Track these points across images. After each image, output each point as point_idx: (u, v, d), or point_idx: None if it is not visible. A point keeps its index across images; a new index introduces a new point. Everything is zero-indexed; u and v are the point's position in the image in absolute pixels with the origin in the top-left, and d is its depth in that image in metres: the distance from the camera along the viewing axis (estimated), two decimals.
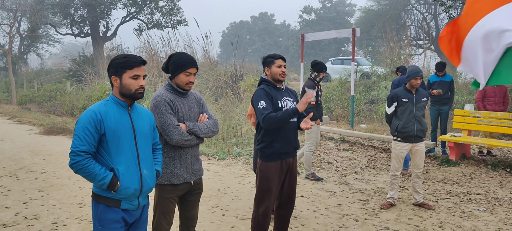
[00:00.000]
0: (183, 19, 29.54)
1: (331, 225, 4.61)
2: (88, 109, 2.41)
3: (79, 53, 24.89)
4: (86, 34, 29.01)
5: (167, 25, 29.29)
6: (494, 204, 5.24)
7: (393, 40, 20.94)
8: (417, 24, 31.36)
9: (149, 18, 29.81)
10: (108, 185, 2.34)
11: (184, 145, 2.96)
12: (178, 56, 3.03)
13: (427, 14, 30.61)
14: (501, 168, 6.77)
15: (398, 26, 28.14)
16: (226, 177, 6.74)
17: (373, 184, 6.26)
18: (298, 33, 40.92)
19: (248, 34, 50.79)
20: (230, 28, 52.86)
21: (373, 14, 30.87)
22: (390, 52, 18.21)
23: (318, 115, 6.18)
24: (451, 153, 7.31)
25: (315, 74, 6.13)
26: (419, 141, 5.08)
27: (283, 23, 50.33)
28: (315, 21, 41.44)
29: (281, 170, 3.56)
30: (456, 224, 4.59)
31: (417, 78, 4.98)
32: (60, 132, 11.65)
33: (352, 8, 42.60)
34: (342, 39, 35.60)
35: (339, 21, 39.68)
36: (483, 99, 7.93)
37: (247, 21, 52.31)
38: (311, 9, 42.58)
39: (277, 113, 3.37)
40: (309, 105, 5.96)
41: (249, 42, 49.12)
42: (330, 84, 15.91)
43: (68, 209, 5.12)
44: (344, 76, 16.00)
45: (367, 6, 32.18)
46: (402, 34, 26.81)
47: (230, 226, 4.58)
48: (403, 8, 30.20)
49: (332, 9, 42.23)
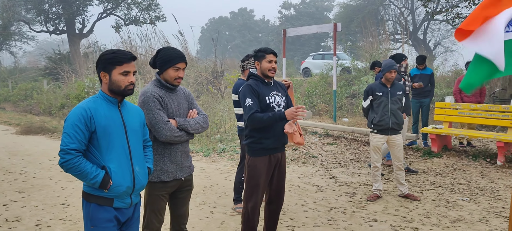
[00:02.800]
0: (161, 15, 29.22)
1: (320, 218, 4.63)
2: (77, 106, 2.33)
3: (55, 51, 24.26)
4: (62, 31, 28.36)
5: (145, 21, 28.90)
6: (476, 194, 5.36)
7: (372, 35, 21.21)
8: (394, 19, 31.86)
9: (127, 14, 29.36)
10: (100, 184, 2.27)
11: (174, 141, 2.91)
12: (166, 51, 2.97)
13: (404, 9, 31.10)
14: (481, 158, 6.94)
15: (376, 21, 28.51)
16: (212, 173, 6.69)
17: (358, 177, 6.32)
18: (278, 28, 41.02)
19: (228, 30, 50.60)
20: (209, 24, 52.55)
21: (351, 9, 31.21)
22: (370, 46, 18.43)
23: (405, 108, 5.95)
24: (433, 144, 7.45)
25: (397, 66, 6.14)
26: (395, 133, 5.17)
27: (262, 18, 50.36)
28: (295, 16, 41.60)
29: (270, 164, 3.54)
30: (441, 214, 4.68)
31: (391, 72, 5.06)
32: (38, 132, 11.36)
33: (331, 3, 42.95)
34: (322, 34, 35.85)
35: (318, 17, 39.93)
36: (460, 92, 8.10)
37: (226, 17, 52.11)
38: (290, 4, 42.73)
39: (263, 116, 3.33)
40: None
41: (228, 38, 48.95)
42: (312, 79, 15.99)
43: (51, 210, 4.99)
44: (325, 71, 16.10)
45: (346, 1, 32.49)
46: (380, 29, 27.19)
47: (219, 222, 4.55)
48: (381, 3, 30.62)
49: (311, 4, 42.47)
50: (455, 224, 4.37)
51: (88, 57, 21.51)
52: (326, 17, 39.47)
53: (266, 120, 3.34)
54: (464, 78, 2.84)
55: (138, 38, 35.18)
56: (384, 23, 28.81)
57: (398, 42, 28.68)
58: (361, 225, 4.43)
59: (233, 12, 51.58)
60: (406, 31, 27.62)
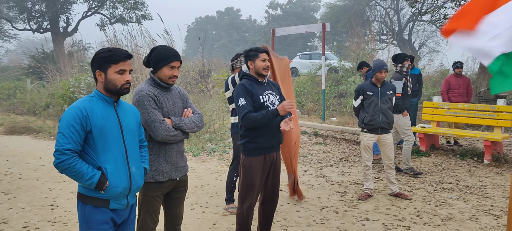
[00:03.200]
0: (147, 14, 28.93)
1: (312, 217, 4.63)
2: (72, 106, 2.28)
3: (38, 50, 23.80)
4: (45, 29, 27.86)
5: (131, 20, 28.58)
6: (465, 192, 5.44)
7: (358, 35, 21.38)
8: (380, 20, 32.17)
9: (112, 12, 28.99)
10: (96, 185, 2.22)
11: (170, 140, 2.87)
12: (160, 49, 2.93)
13: (389, 10, 31.43)
14: (468, 157, 7.04)
15: (362, 21, 28.75)
16: (202, 173, 6.65)
17: (349, 176, 6.35)
18: (265, 28, 41.04)
19: (214, 29, 50.43)
20: (195, 23, 52.29)
21: (338, 10, 31.40)
22: (356, 47, 18.56)
23: (405, 107, 6.08)
24: (421, 143, 7.54)
25: (399, 66, 6.15)
26: (385, 133, 5.21)
27: (249, 18, 50.31)
28: (281, 16, 41.68)
29: (265, 164, 3.52)
30: (432, 212, 4.73)
31: (381, 72, 5.11)
32: (23, 131, 11.13)
33: (317, 3, 43.15)
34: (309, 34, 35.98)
35: (305, 17, 40.08)
36: (448, 92, 8.22)
37: (212, 16, 51.91)
38: (277, 4, 42.79)
39: (258, 115, 3.32)
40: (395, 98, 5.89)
41: (215, 38, 48.79)
42: (299, 78, 16.03)
43: (39, 211, 4.88)
44: (312, 70, 16.15)
45: (332, 2, 32.68)
46: (366, 29, 27.42)
47: (211, 222, 4.51)
48: (367, 4, 30.88)
49: (297, 4, 42.60)
50: (446, 223, 4.41)
51: (72, 56, 21.16)
52: (312, 17, 39.63)
53: (260, 118, 3.32)
54: (496, 82, 2.68)
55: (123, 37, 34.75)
56: (370, 24, 29.06)
57: (383, 43, 28.97)
58: (353, 224, 4.45)
59: (220, 11, 51.41)
60: (391, 32, 27.91)
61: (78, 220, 2.37)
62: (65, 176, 6.42)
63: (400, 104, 5.97)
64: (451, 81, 8.19)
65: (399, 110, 6.01)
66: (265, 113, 3.33)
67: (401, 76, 6.11)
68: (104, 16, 28.62)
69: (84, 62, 19.38)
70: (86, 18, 28.20)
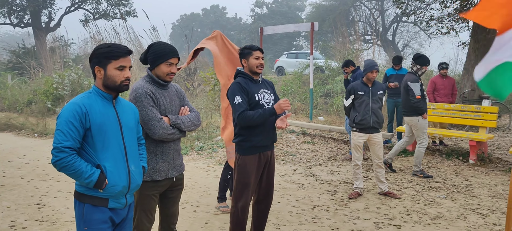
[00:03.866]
0: (132, 10, 28.57)
1: (304, 216, 4.64)
2: (71, 102, 2.23)
3: (19, 45, 23.25)
4: (27, 24, 27.22)
5: (115, 16, 28.18)
6: (452, 191, 5.53)
7: (343, 35, 21.53)
8: (365, 20, 32.48)
9: (95, 8, 28.53)
10: (96, 183, 2.18)
11: (167, 139, 2.83)
12: (158, 46, 2.89)
13: (374, 11, 31.77)
14: (454, 157, 7.17)
15: (347, 21, 28.98)
16: (191, 172, 6.60)
17: (338, 175, 6.39)
18: (250, 26, 40.98)
19: (200, 27, 50.10)
20: (180, 20, 51.84)
21: (323, 10, 31.56)
22: (342, 46, 18.69)
23: (425, 109, 5.96)
24: None
25: (417, 67, 5.96)
26: (375, 132, 5.26)
27: (235, 16, 50.14)
28: (267, 15, 41.66)
29: (260, 163, 3.51)
30: (421, 211, 4.79)
31: (373, 72, 5.15)
32: (4, 128, 10.87)
33: (303, 2, 43.29)
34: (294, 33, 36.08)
35: (290, 16, 40.16)
36: (433, 92, 8.35)
37: (198, 13, 51.58)
38: (263, 3, 42.77)
39: (254, 114, 3.31)
40: (414, 100, 5.84)
41: (200, 35, 48.46)
42: (286, 77, 16.07)
43: (26, 210, 4.77)
44: (299, 69, 16.21)
45: (318, 2, 32.85)
46: (351, 30, 27.65)
47: (203, 221, 4.48)
48: (352, 4, 31.13)
49: (283, 3, 42.65)
50: (435, 221, 4.48)
51: (54, 51, 20.75)
52: (298, 17, 39.72)
53: (257, 117, 3.31)
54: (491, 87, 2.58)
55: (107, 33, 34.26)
56: (355, 24, 29.31)
57: (368, 43, 29.27)
58: (345, 223, 4.48)
59: (205, 9, 51.11)
60: (376, 33, 28.22)
61: (67, 219, 2.33)
62: (51, 174, 6.32)
63: (420, 107, 5.89)
64: (436, 82, 8.32)
65: (419, 113, 5.93)
66: (262, 112, 3.32)
67: (417, 78, 5.96)
68: (87, 12, 28.15)
69: (67, 58, 19.04)
70: (69, 13, 27.67)
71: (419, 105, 5.87)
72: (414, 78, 5.96)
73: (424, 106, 5.96)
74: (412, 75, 6.02)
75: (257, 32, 33.43)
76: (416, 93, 5.86)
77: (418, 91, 5.89)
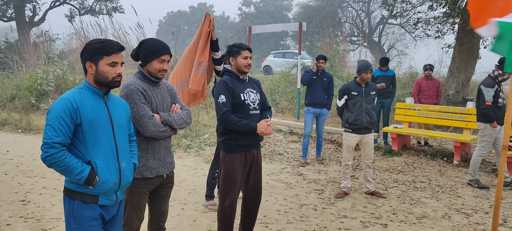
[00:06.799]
0: (119, 6, 28.24)
1: (292, 215, 4.67)
2: (61, 98, 2.20)
3: (1, 39, 22.79)
4: (10, 18, 26.67)
5: (102, 12, 27.83)
6: (437, 191, 5.63)
7: (330, 36, 21.66)
8: (351, 21, 32.75)
9: (81, 3, 28.12)
10: (86, 180, 2.16)
11: (158, 136, 2.82)
12: (150, 42, 2.87)
13: (361, 12, 32.06)
14: (439, 157, 7.29)
15: (334, 22, 29.19)
16: (179, 169, 6.56)
17: (325, 174, 6.44)
18: (238, 25, 40.93)
19: (187, 25, 49.87)
20: (167, 17, 51.51)
21: (310, 10, 31.69)
22: (328, 47, 18.82)
23: (496, 117, 5.49)
24: (394, 143, 7.74)
25: (499, 72, 5.51)
26: (368, 132, 5.31)
27: (222, 15, 50.01)
28: (255, 14, 41.65)
29: (246, 161, 3.51)
30: (407, 210, 4.87)
31: (367, 72, 5.19)
32: None
33: (290, 2, 43.43)
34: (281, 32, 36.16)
35: (278, 15, 40.24)
36: (418, 93, 8.47)
37: (185, 11, 51.32)
38: (250, 2, 42.76)
39: (237, 122, 3.34)
40: (483, 106, 5.47)
41: (187, 33, 48.27)
42: (273, 77, 16.10)
43: (10, 207, 4.69)
44: (286, 69, 16.26)
45: (305, 2, 32.99)
46: (337, 31, 27.85)
47: (191, 219, 4.47)
48: (339, 5, 31.34)
49: (271, 3, 42.70)
50: (421, 221, 4.56)
51: (38, 47, 20.39)
52: (285, 16, 39.80)
53: (239, 125, 3.36)
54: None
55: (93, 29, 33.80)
56: (341, 25, 29.54)
57: (355, 44, 29.52)
58: (332, 221, 4.52)
59: (193, 6, 50.89)
60: (362, 34, 28.48)
61: (53, 216, 2.30)
62: (36, 171, 6.22)
63: (489, 114, 5.48)
64: (421, 84, 8.45)
65: (488, 120, 5.51)
66: (244, 124, 3.36)
67: (493, 83, 5.52)
68: (73, 7, 27.73)
69: (51, 54, 18.73)
70: (54, 8, 27.21)
71: (487, 112, 5.48)
72: (490, 83, 5.54)
73: (495, 114, 5.51)
74: (490, 79, 5.60)
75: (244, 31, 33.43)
76: (487, 98, 5.49)
77: (490, 97, 5.49)
